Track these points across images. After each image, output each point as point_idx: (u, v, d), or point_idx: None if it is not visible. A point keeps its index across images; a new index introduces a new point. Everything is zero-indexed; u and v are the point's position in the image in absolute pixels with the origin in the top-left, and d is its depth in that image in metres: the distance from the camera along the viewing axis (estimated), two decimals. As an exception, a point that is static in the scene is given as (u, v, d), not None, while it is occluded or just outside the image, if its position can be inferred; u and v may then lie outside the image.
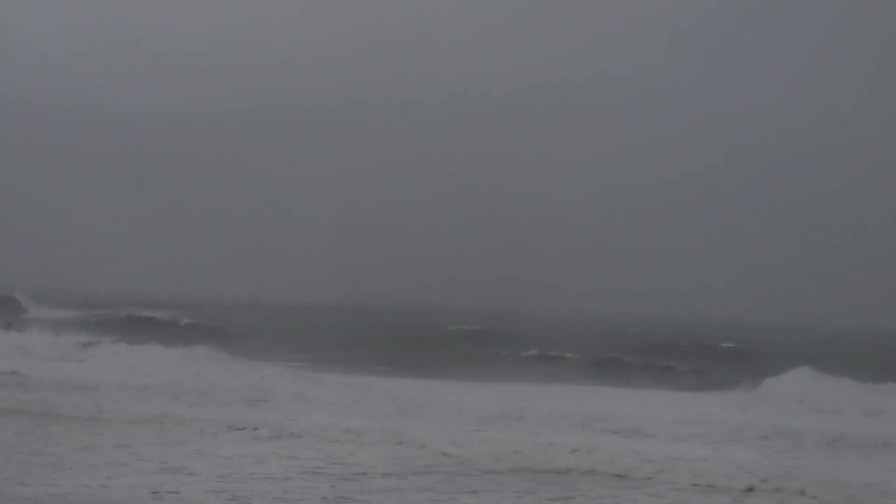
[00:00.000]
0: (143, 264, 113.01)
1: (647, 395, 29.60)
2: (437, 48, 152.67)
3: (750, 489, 15.46)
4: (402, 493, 14.75)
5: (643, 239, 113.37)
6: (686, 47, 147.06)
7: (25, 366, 30.64)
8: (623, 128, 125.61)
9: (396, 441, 19.22)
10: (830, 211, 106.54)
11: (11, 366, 29.87)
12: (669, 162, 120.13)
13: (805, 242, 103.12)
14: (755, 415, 24.05)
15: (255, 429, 20.18)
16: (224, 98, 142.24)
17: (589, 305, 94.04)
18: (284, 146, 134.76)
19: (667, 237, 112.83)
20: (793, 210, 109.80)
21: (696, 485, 15.85)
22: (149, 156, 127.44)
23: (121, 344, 37.83)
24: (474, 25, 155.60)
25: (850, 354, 44.77)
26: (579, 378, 34.83)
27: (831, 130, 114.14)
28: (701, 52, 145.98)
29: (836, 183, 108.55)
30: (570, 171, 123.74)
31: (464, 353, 43.76)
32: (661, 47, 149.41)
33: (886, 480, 16.06)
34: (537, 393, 28.28)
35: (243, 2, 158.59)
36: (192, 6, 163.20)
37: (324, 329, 59.03)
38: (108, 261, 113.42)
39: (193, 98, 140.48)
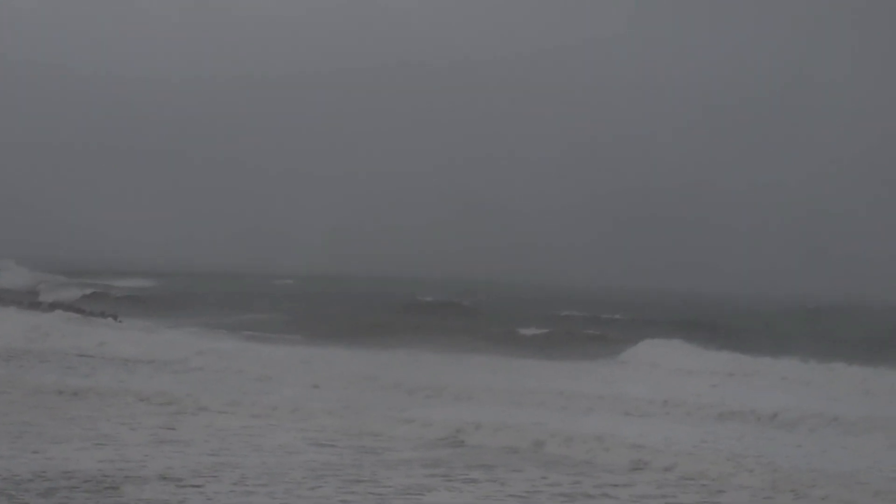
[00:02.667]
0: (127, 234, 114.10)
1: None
2: (419, 17, 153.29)
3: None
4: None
5: (619, 208, 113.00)
6: (673, 14, 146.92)
7: None
8: (607, 98, 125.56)
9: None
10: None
11: None
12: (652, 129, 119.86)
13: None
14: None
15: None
16: (204, 65, 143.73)
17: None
18: (262, 117, 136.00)
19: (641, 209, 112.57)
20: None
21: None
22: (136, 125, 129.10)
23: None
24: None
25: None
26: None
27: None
28: (693, 20, 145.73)
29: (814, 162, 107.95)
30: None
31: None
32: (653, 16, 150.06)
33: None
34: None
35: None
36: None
37: (259, 296, 58.98)
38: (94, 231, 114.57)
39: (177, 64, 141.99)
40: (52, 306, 42.47)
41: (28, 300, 46.60)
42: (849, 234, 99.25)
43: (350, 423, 17.01)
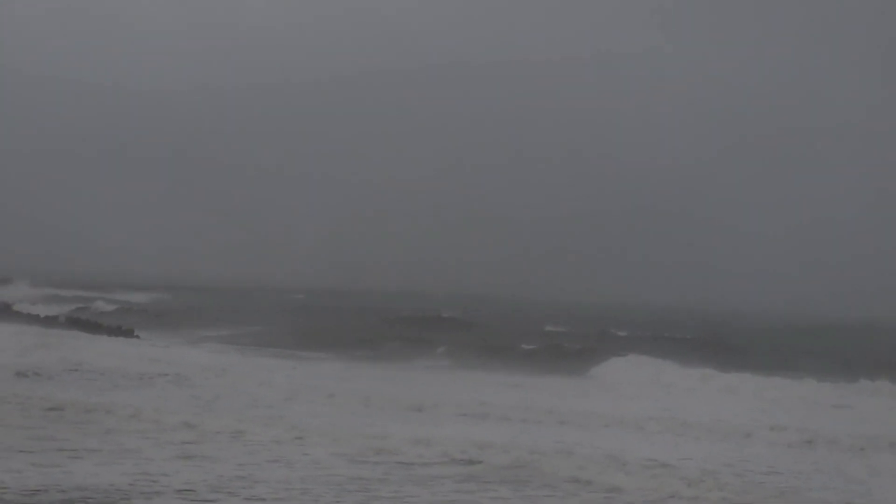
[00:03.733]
0: (133, 246, 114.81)
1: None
2: (432, 23, 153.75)
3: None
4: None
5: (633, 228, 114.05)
6: (687, 31, 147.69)
7: None
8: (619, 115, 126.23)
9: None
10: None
11: None
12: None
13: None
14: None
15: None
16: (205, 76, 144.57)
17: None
18: (263, 124, 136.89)
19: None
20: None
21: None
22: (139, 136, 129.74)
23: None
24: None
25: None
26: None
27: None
28: (703, 39, 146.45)
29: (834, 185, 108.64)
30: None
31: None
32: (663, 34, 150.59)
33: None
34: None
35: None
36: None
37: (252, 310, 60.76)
38: (102, 243, 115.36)
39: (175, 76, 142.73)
40: (70, 321, 43.97)
41: (44, 314, 46.49)
42: (853, 255, 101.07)
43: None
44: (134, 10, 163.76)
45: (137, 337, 41.90)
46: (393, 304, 69.25)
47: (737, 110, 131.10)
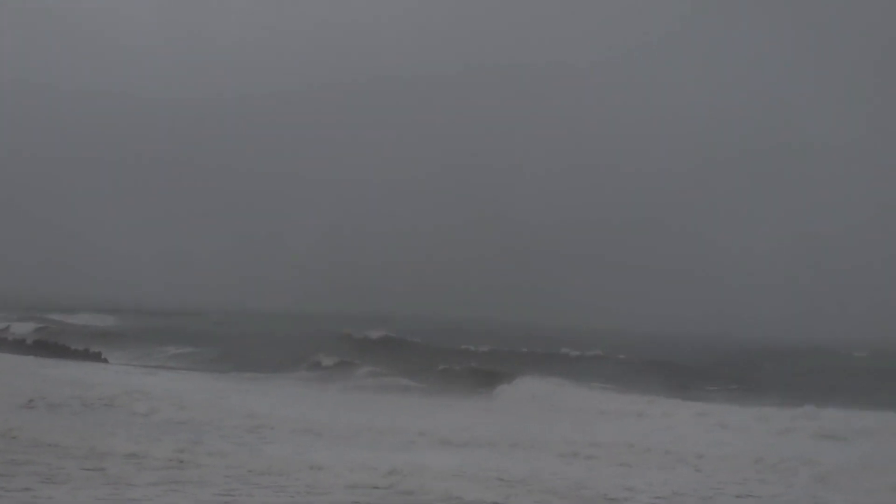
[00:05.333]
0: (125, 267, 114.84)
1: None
2: (429, 28, 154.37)
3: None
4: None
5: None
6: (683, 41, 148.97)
7: None
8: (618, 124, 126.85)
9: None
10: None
11: None
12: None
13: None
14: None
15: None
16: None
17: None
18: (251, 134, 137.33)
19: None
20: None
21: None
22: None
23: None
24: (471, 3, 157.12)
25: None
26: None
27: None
28: (703, 51, 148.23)
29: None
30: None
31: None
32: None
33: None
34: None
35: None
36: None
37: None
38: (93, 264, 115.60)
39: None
40: (38, 345, 46.50)
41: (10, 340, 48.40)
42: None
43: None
44: (130, 23, 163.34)
45: (105, 360, 45.06)
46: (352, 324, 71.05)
47: (724, 124, 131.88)
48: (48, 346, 46.55)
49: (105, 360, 44.75)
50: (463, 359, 46.85)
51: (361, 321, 69.93)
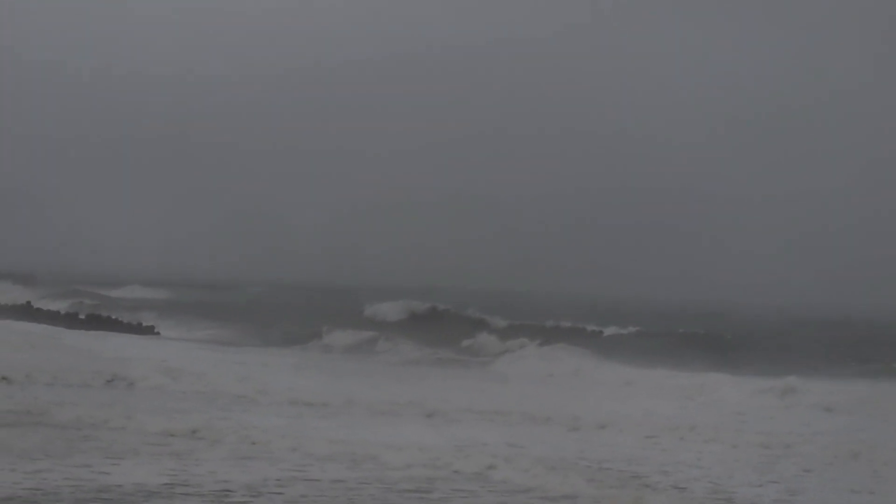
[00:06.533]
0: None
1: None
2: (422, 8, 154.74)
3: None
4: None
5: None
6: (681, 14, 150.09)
7: None
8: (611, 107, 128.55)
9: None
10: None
11: None
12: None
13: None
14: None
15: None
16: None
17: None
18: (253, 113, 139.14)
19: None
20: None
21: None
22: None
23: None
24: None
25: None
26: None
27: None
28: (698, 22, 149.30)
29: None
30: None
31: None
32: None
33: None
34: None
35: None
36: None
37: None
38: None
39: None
40: (91, 320, 48.86)
41: (63, 314, 51.21)
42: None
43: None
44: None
45: (158, 334, 47.60)
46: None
47: (729, 92, 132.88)
48: (101, 320, 49.05)
49: (157, 334, 47.28)
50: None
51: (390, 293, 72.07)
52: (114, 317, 50.79)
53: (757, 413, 27.22)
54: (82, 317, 50.39)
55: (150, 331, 47.73)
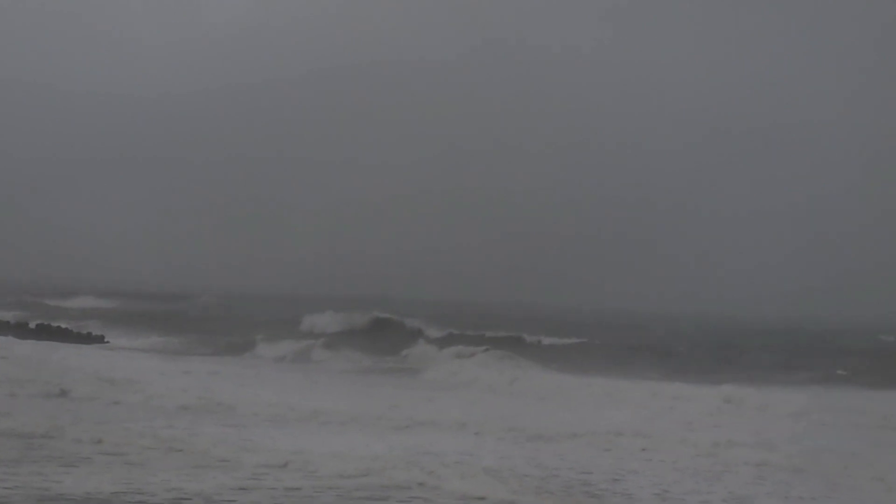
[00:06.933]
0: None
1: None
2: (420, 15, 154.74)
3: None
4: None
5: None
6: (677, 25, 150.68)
7: None
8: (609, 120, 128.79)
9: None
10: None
11: None
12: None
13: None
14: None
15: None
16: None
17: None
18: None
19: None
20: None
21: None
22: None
23: None
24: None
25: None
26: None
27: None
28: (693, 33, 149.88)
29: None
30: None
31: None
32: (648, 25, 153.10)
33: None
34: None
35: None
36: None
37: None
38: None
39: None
40: (41, 330, 48.38)
41: (13, 323, 50.46)
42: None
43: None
44: (121, 20, 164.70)
45: (107, 343, 47.29)
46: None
47: (721, 102, 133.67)
48: (50, 330, 48.70)
49: (107, 343, 47.01)
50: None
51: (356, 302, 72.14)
52: (63, 326, 50.53)
53: (704, 421, 27.41)
54: (32, 326, 50.01)
55: (99, 340, 47.52)
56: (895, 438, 25.23)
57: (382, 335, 53.62)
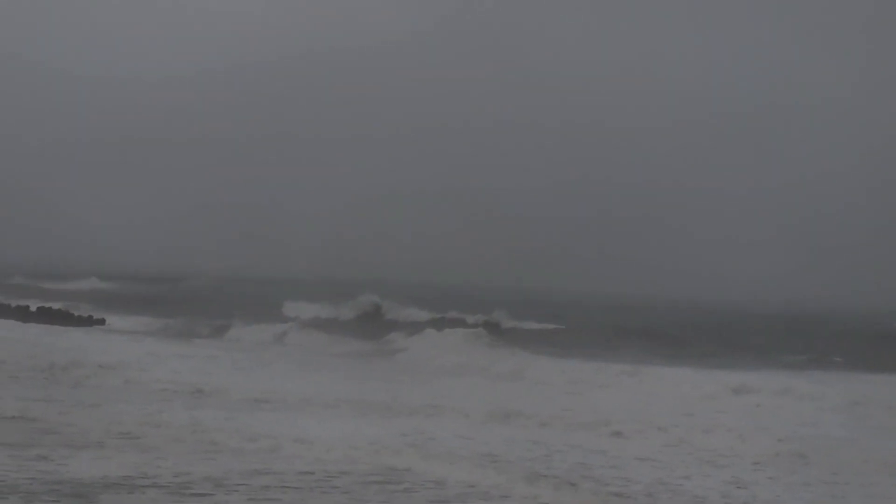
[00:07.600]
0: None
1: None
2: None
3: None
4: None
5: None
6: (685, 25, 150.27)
7: None
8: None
9: None
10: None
11: None
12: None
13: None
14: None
15: None
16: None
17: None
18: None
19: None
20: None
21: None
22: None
23: None
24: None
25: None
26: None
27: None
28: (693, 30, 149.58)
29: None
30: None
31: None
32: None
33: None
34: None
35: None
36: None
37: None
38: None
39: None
40: (42, 313, 48.50)
41: (14, 307, 50.43)
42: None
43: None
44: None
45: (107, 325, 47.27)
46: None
47: (716, 87, 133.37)
48: (51, 314, 48.77)
49: (107, 325, 47.08)
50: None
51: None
52: (63, 308, 50.61)
53: (703, 406, 27.48)
54: (33, 309, 50.11)
55: (100, 322, 47.64)
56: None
57: (365, 318, 53.74)
